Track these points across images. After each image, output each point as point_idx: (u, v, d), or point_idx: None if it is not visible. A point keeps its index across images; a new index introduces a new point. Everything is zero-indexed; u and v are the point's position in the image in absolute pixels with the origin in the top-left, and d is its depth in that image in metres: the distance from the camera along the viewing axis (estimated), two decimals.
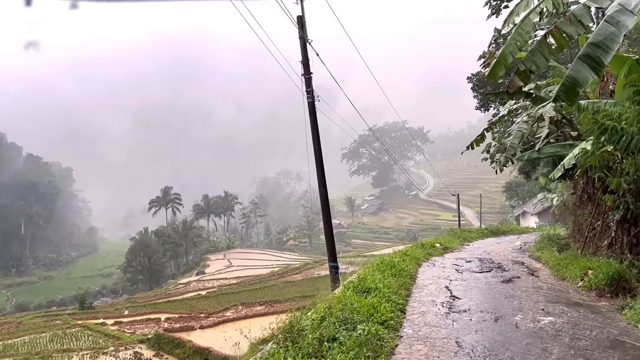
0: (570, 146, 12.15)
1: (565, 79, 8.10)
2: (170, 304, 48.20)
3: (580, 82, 8.01)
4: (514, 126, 14.15)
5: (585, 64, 7.95)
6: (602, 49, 7.96)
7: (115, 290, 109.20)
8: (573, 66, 8.11)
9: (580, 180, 14.68)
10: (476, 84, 32.34)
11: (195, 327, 32.36)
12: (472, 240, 28.13)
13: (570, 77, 8.07)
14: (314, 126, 15.70)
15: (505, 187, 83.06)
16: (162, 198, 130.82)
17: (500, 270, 14.07)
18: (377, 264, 12.97)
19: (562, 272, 12.83)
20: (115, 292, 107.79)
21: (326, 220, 16.05)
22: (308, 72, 15.47)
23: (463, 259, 17.31)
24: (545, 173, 32.79)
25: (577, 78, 7.98)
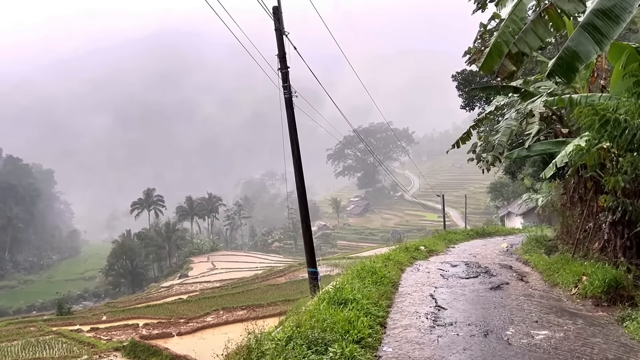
0: (561, 143, 11.43)
1: (563, 52, 7.16)
2: (150, 309, 46.94)
3: (581, 57, 7.06)
4: (502, 123, 13.39)
5: (588, 35, 6.94)
6: (610, 18, 6.92)
7: (98, 294, 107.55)
8: (573, 37, 7.13)
9: (571, 180, 13.97)
10: (461, 83, 31.68)
11: (173, 334, 31.25)
12: (457, 242, 27.39)
13: (569, 49, 7.12)
14: (291, 123, 14.85)
15: (490, 188, 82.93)
16: (144, 200, 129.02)
17: (488, 276, 13.30)
18: (357, 270, 12.13)
19: (553, 277, 12.09)
20: (97, 296, 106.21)
21: (304, 222, 15.16)
22: (285, 66, 14.61)
23: (449, 263, 16.53)
24: (532, 173, 32.27)
25: (578, 51, 7.04)
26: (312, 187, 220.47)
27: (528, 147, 12.05)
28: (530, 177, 33.87)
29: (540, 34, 7.92)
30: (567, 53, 7.17)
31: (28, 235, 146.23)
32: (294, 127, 14.89)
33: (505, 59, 8.17)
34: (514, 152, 12.67)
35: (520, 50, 7.94)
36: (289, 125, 14.83)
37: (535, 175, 31.52)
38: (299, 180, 15.03)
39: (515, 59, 8.10)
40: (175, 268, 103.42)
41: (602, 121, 7.45)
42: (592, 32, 7.00)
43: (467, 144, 18.35)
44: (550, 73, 7.46)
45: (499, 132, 13.05)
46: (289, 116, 14.78)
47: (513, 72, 8.45)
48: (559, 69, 7.23)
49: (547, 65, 16.37)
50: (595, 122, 7.58)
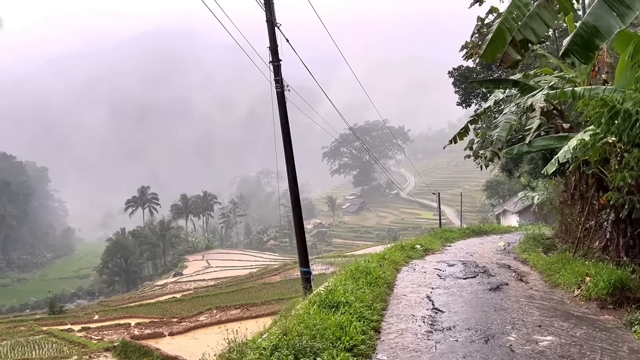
0: (563, 139, 10.97)
1: (581, 28, 6.53)
2: (143, 308, 46.40)
3: (601, 32, 6.40)
4: (501, 117, 12.91)
5: (609, 7, 6.31)
6: None
7: (92, 292, 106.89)
8: (592, 10, 6.54)
9: (572, 177, 13.54)
10: (457, 79, 31.20)
11: (165, 334, 30.73)
12: (453, 240, 26.98)
13: (587, 25, 6.44)
14: (283, 118, 14.36)
15: (486, 186, 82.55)
16: (138, 198, 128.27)
17: (486, 276, 12.85)
18: (351, 270, 11.66)
19: (554, 277, 11.65)
20: (91, 294, 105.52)
21: (297, 220, 14.71)
22: (277, 59, 14.11)
23: (445, 262, 16.09)
24: (529, 171, 31.81)
25: (598, 27, 6.36)
26: (308, 185, 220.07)
27: (529, 142, 11.58)
28: (527, 174, 33.39)
29: (546, 19, 7.38)
30: (585, 29, 6.52)
31: (22, 234, 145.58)
32: (286, 123, 14.40)
33: (509, 46, 7.65)
34: (514, 147, 12.21)
35: (525, 38, 7.44)
36: (281, 121, 14.35)
37: (532, 172, 31.06)
38: (292, 177, 14.57)
39: (520, 47, 7.59)
40: (170, 266, 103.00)
41: (611, 113, 6.98)
42: (614, 4, 6.29)
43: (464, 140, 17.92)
44: (565, 53, 6.84)
45: (497, 127, 12.57)
46: (281, 111, 14.30)
47: (517, 61, 7.95)
48: (576, 47, 6.59)
49: (548, 59, 15.98)
50: (603, 114, 7.11)
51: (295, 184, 14.58)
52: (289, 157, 14.46)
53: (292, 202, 14.62)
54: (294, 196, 14.56)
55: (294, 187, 14.58)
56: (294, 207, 14.60)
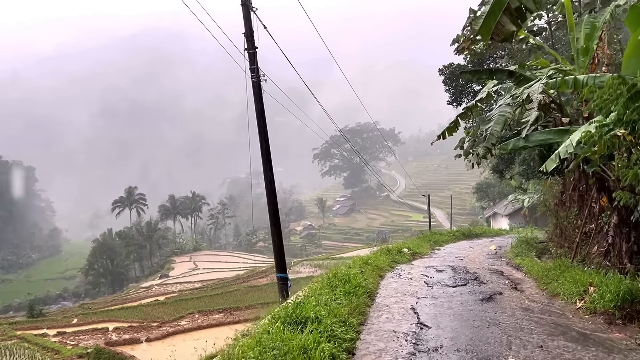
0: (564, 132, 9.92)
1: None
2: (125, 311, 45.01)
3: None
4: (495, 110, 11.82)
5: None
6: None
7: (78, 294, 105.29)
8: None
9: (570, 176, 12.51)
10: (448, 77, 30.19)
11: (141, 340, 29.47)
12: (443, 243, 25.93)
13: None
14: (259, 111, 13.22)
15: (476, 189, 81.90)
16: (126, 198, 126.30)
17: (478, 283, 11.77)
18: (328, 277, 10.52)
19: (552, 286, 10.58)
20: (77, 296, 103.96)
21: (274, 221, 13.55)
22: (252, 46, 12.98)
23: (434, 268, 15.01)
24: (521, 172, 30.86)
25: None
26: (298, 187, 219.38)
27: (525, 136, 10.53)
28: (519, 176, 32.44)
29: None
30: None
31: (7, 234, 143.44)
32: (262, 116, 13.27)
33: (503, 15, 6.56)
34: (509, 142, 11.12)
35: (522, 4, 6.38)
36: (257, 114, 13.21)
37: (524, 174, 30.11)
38: (268, 177, 13.41)
39: (516, 16, 6.53)
40: (157, 268, 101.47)
41: (632, 92, 5.92)
42: None
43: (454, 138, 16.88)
44: None
45: (491, 121, 11.49)
46: (257, 103, 13.16)
47: (512, 33, 6.88)
48: None
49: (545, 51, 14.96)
50: (621, 95, 6.06)
51: (272, 185, 13.43)
52: (266, 156, 13.33)
53: (268, 202, 13.46)
54: (270, 195, 13.41)
55: (271, 189, 13.43)
56: (270, 207, 13.45)
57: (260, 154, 13.34)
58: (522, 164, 29.57)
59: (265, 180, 13.38)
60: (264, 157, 13.33)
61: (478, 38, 20.00)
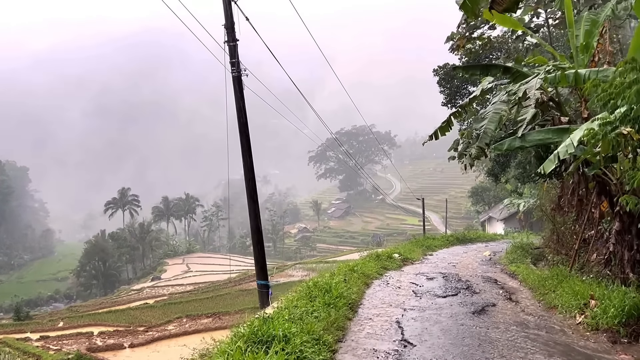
0: (564, 131, 9.18)
1: None
2: (112, 315, 44.08)
3: None
4: (489, 108, 11.06)
5: None
6: None
7: (69, 296, 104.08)
8: None
9: (569, 179, 11.77)
10: (442, 78, 29.43)
11: (125, 346, 28.58)
12: (436, 249, 25.16)
13: None
14: (240, 108, 12.45)
15: (471, 192, 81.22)
16: (118, 200, 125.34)
17: (470, 293, 11.01)
18: (308, 287, 9.73)
19: (549, 297, 9.83)
20: (69, 298, 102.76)
21: (255, 225, 12.76)
22: (233, 39, 12.22)
23: (424, 275, 14.25)
24: (516, 175, 30.11)
25: None
26: (294, 189, 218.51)
27: (521, 136, 9.77)
28: (515, 179, 31.70)
29: None
30: None
31: None
32: (243, 113, 12.50)
33: None
34: (504, 142, 10.33)
35: None
36: (238, 111, 12.44)
37: (520, 177, 29.35)
38: (249, 177, 12.62)
39: None
40: (149, 270, 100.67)
41: None
42: None
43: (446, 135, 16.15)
44: None
45: (485, 119, 10.74)
46: (238, 99, 12.39)
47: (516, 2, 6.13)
48: None
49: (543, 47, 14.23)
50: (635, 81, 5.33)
51: (253, 185, 12.65)
52: (247, 155, 12.56)
53: (249, 203, 12.67)
54: (251, 196, 12.62)
55: (252, 189, 12.65)
56: (251, 209, 12.66)
57: (241, 154, 12.57)
58: (518, 167, 28.83)
59: (246, 184, 12.61)
60: (245, 159, 12.56)
61: (474, 36, 19.35)
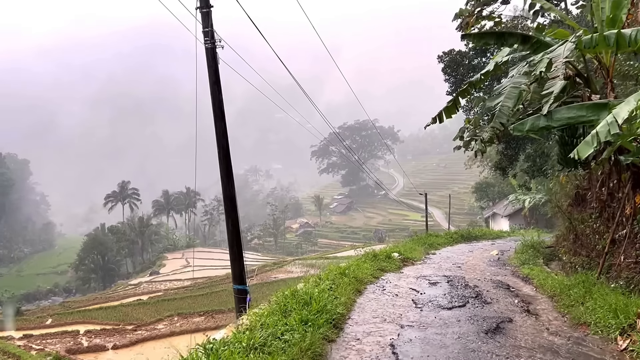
0: (602, 107, 7.45)
1: None
2: (103, 312, 42.49)
3: None
4: (506, 82, 9.29)
5: None
6: None
7: (69, 289, 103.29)
8: None
9: (598, 169, 10.04)
10: (448, 65, 27.65)
11: (108, 347, 27.02)
12: (439, 247, 23.42)
13: None
14: (215, 88, 10.75)
15: (475, 188, 79.67)
16: (118, 193, 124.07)
17: (480, 303, 9.30)
18: (284, 297, 7.99)
19: (577, 311, 8.11)
20: (68, 291, 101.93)
21: (230, 220, 11.08)
22: (207, 4, 10.51)
23: (426, 279, 12.55)
24: (526, 169, 28.35)
25: None
26: (296, 184, 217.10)
27: (548, 113, 8.02)
28: (524, 173, 29.92)
29: None
30: None
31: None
32: (217, 91, 10.78)
33: None
34: (525, 121, 8.51)
35: None
36: (212, 88, 10.74)
37: (529, 171, 27.58)
38: (225, 167, 10.92)
39: None
40: (148, 264, 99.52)
41: None
42: None
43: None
44: None
45: (501, 95, 8.99)
46: (212, 75, 10.69)
47: None
48: None
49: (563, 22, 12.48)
50: None
51: (229, 177, 10.96)
52: (222, 140, 10.86)
53: (224, 196, 11.00)
54: (227, 189, 10.94)
55: (228, 181, 10.96)
56: (227, 203, 10.99)
57: (216, 141, 10.86)
58: (527, 160, 27.12)
59: (221, 175, 10.90)
60: (220, 148, 10.85)
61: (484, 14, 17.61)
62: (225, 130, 10.90)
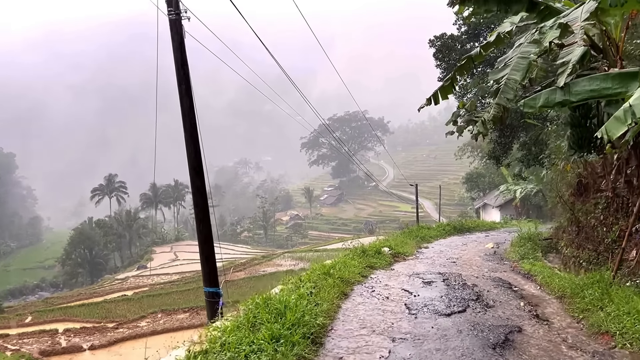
0: (633, 77, 6.29)
1: None
2: (85, 308, 41.03)
3: None
4: (512, 52, 8.05)
5: None
6: None
7: (56, 284, 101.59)
8: None
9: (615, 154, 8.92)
10: (440, 50, 26.47)
11: (84, 348, 25.75)
12: (431, 240, 22.36)
13: None
14: (179, 60, 9.49)
15: (466, 179, 78.86)
16: (105, 186, 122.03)
17: (481, 307, 8.17)
18: (255, 305, 6.79)
19: (595, 317, 6.99)
20: (55, 286, 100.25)
21: (200, 214, 9.87)
22: None
23: (420, 277, 11.42)
24: (520, 158, 27.27)
25: None
26: (287, 176, 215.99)
27: (565, 86, 6.80)
28: (519, 162, 28.87)
29: None
30: None
31: None
32: (184, 71, 9.52)
33: None
34: (537, 96, 7.26)
35: None
36: (177, 67, 9.48)
37: (524, 159, 26.50)
38: (193, 154, 9.70)
39: None
40: (136, 258, 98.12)
41: None
42: None
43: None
44: None
45: (507, 67, 7.76)
46: (177, 50, 9.43)
47: None
48: None
49: None
50: None
51: (198, 165, 9.73)
52: (189, 122, 9.62)
53: (192, 187, 9.79)
54: (195, 180, 9.72)
55: (197, 170, 9.73)
56: (195, 194, 9.77)
57: (182, 121, 9.62)
58: (522, 148, 26.06)
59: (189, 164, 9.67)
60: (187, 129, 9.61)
61: None
62: (194, 115, 9.66)
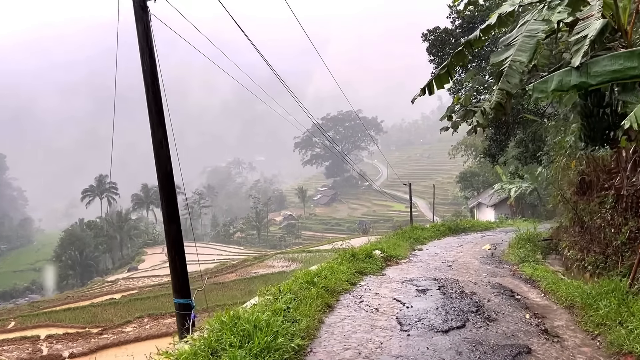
0: None
1: None
2: (71, 313, 39.83)
3: None
4: (518, 31, 7.09)
5: None
6: None
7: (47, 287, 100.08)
8: None
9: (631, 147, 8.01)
10: (433, 44, 25.54)
11: (64, 356, 24.72)
12: (425, 241, 21.45)
13: None
14: (146, 47, 8.51)
15: (460, 178, 78.19)
16: (96, 187, 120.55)
17: (482, 321, 7.25)
18: (220, 325, 5.82)
19: (615, 333, 6.08)
20: (46, 289, 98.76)
21: (169, 218, 8.89)
22: None
23: (413, 284, 10.49)
24: (517, 155, 26.38)
25: None
26: (280, 176, 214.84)
27: (580, 65, 5.81)
28: (516, 160, 27.98)
29: None
30: None
31: None
32: (149, 59, 8.54)
33: None
34: (549, 78, 6.26)
35: None
36: (141, 54, 8.50)
37: (521, 157, 25.62)
38: (159, 148, 8.73)
39: None
40: (128, 260, 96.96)
41: None
42: None
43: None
44: None
45: (511, 47, 6.77)
46: (141, 35, 8.46)
47: None
48: None
49: None
50: None
51: (166, 162, 8.76)
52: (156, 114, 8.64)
53: (159, 188, 8.81)
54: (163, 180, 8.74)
55: (166, 169, 8.76)
56: (162, 194, 8.80)
57: (149, 120, 8.64)
58: (519, 145, 25.19)
59: (156, 156, 8.70)
60: (154, 121, 8.64)
61: None
62: (161, 107, 8.68)
